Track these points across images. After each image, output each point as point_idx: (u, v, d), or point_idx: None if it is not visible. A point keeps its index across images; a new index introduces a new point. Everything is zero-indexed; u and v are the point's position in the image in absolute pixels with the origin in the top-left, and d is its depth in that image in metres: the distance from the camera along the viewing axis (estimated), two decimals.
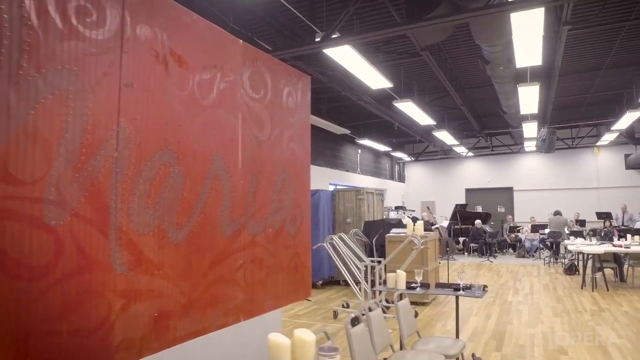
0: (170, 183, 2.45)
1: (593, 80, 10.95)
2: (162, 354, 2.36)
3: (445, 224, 14.45)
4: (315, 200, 8.74)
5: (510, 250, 14.82)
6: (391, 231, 7.69)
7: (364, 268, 6.31)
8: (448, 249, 8.94)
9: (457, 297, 4.27)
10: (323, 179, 11.45)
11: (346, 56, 6.25)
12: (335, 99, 10.50)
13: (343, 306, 6.86)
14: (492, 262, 12.57)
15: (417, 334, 4.04)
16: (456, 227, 14.55)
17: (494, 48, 6.81)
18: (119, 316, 2.12)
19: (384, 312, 3.86)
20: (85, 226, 1.97)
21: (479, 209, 16.74)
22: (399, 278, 4.51)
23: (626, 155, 16.26)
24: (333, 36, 5.63)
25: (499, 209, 17.94)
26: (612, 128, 12.92)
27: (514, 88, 8.80)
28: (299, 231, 4.34)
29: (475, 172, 18.67)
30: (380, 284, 6.19)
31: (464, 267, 11.62)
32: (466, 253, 14.38)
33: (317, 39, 5.80)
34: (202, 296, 2.67)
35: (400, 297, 3.82)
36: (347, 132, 11.82)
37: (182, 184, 2.53)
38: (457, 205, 15.11)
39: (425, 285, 4.48)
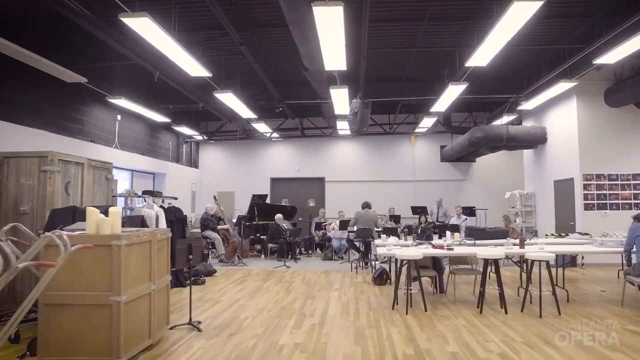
0: None
1: (412, 38, 8.70)
2: None
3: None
4: None
5: (318, 250, 12.28)
6: (68, 227, 4.06)
7: None
8: (207, 251, 5.58)
9: None
10: (35, 147, 6.95)
11: None
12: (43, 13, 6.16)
13: None
14: (289, 267, 9.69)
15: None
16: (252, 222, 11.44)
17: None
18: None
19: None
20: None
21: (286, 202, 14.00)
22: None
23: (442, 147, 15.17)
24: None
25: (309, 203, 15.39)
26: (432, 110, 11.11)
27: (309, 13, 5.81)
28: None
29: (282, 159, 15.68)
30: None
31: (246, 277, 8.48)
32: (263, 255, 11.36)
33: None
34: None
35: None
36: (83, 79, 7.79)
37: None
38: (254, 196, 11.99)
39: None
